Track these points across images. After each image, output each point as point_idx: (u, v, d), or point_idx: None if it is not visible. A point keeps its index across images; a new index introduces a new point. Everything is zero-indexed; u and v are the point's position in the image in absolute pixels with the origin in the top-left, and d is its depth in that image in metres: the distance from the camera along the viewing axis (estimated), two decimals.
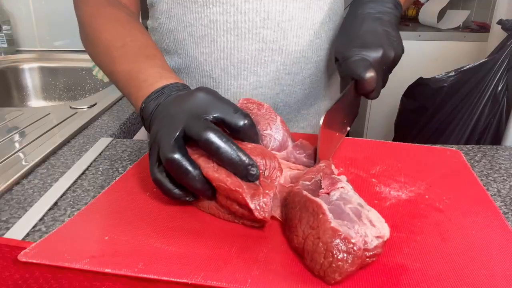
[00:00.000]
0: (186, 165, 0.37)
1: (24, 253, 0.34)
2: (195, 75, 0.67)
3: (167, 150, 0.38)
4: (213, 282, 0.31)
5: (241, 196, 0.36)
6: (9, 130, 0.67)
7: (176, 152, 0.37)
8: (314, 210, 0.34)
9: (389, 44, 0.55)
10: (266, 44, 0.63)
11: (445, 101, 1.42)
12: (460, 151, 0.57)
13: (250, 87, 0.66)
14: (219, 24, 0.62)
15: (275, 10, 0.62)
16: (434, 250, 0.36)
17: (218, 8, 0.62)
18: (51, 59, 1.30)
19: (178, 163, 0.37)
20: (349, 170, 0.51)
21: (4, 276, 0.34)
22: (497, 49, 1.34)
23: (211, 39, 0.63)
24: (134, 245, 0.36)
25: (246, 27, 0.62)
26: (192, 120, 0.39)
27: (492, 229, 0.39)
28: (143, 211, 0.42)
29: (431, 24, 2.03)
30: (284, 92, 0.68)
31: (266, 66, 0.65)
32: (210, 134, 0.37)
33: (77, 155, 0.59)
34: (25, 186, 0.50)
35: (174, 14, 0.65)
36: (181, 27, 0.65)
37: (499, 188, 0.49)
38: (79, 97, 1.25)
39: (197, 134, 0.38)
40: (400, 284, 0.32)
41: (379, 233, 0.34)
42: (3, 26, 1.31)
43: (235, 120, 0.40)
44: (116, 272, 0.32)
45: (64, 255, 0.34)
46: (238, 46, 0.63)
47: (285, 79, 0.67)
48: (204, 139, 0.37)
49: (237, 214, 0.38)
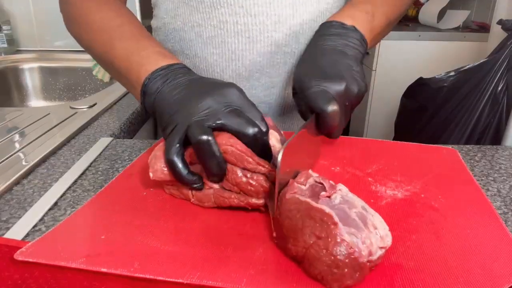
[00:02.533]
0: (215, 148, 0.40)
1: (20, 252, 0.34)
2: (205, 76, 0.67)
3: (202, 132, 0.39)
4: (209, 282, 0.32)
5: (249, 154, 0.40)
6: (9, 130, 0.67)
7: (210, 135, 0.39)
8: (322, 219, 0.32)
9: (351, 78, 0.49)
10: (278, 47, 0.63)
11: (445, 101, 1.42)
12: (456, 150, 0.57)
13: (262, 88, 0.66)
14: (229, 25, 0.62)
15: (285, 14, 0.61)
16: (429, 249, 0.36)
17: (227, 9, 0.61)
18: (51, 59, 1.29)
19: (209, 144, 0.39)
20: (346, 169, 0.51)
21: (3, 276, 0.34)
22: (497, 49, 1.34)
23: (221, 40, 0.63)
24: (130, 244, 0.36)
25: (257, 30, 0.62)
26: (215, 110, 0.42)
27: (487, 228, 0.39)
28: (139, 210, 0.42)
29: (431, 24, 2.03)
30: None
31: (279, 67, 0.65)
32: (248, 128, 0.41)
33: (77, 155, 0.59)
34: (25, 186, 0.50)
35: (180, 14, 0.65)
36: (188, 27, 0.65)
37: (499, 188, 0.49)
38: (79, 97, 1.25)
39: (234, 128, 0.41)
40: (395, 283, 0.32)
41: (383, 243, 0.33)
42: (3, 26, 1.31)
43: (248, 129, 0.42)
44: (112, 272, 0.32)
45: (60, 254, 0.34)
46: (250, 49, 0.63)
47: None
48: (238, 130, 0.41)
49: (243, 187, 0.40)
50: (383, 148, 0.57)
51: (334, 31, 0.55)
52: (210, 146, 0.39)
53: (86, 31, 0.58)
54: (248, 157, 0.40)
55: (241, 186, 0.40)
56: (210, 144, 0.39)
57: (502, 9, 1.46)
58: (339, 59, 0.52)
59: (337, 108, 0.46)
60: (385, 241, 0.33)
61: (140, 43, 0.52)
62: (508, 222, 0.42)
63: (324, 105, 0.46)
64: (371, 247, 0.32)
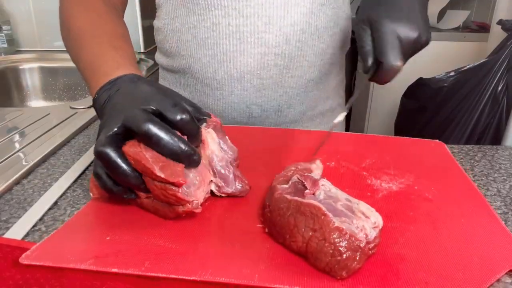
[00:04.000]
0: (115, 158, 0.37)
1: (25, 255, 0.34)
2: (199, 77, 0.67)
3: (98, 144, 0.37)
4: (222, 278, 0.32)
5: (150, 166, 0.36)
6: (9, 130, 0.67)
7: (107, 146, 0.37)
8: (312, 212, 0.34)
9: (424, 26, 0.49)
10: (269, 48, 0.63)
11: (445, 101, 1.42)
12: (443, 143, 0.59)
13: (253, 89, 0.66)
14: (222, 27, 0.62)
15: (277, 15, 0.61)
16: (427, 239, 0.38)
17: (220, 11, 0.62)
18: (51, 59, 1.30)
19: (107, 156, 0.37)
20: (341, 163, 0.52)
21: (4, 276, 0.34)
22: (497, 49, 1.34)
23: (214, 41, 0.63)
24: (137, 244, 0.36)
25: (248, 31, 0.62)
26: (132, 112, 0.38)
27: (478, 215, 0.41)
28: (141, 210, 0.42)
29: (431, 24, 2.02)
30: (287, 94, 0.68)
31: (270, 69, 0.65)
32: (149, 125, 0.36)
33: (77, 155, 0.59)
34: (25, 186, 0.50)
35: (179, 15, 0.66)
36: (185, 29, 0.65)
37: (499, 188, 0.49)
38: (79, 97, 1.25)
39: (136, 127, 0.37)
40: (400, 273, 0.33)
41: (374, 223, 0.35)
42: (3, 26, 1.31)
43: (173, 114, 0.38)
44: (123, 272, 0.32)
45: (67, 256, 0.34)
46: (241, 50, 0.63)
47: (289, 82, 0.66)
48: (143, 130, 0.36)
49: (162, 197, 0.37)
50: (374, 142, 0.59)
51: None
52: (108, 157, 0.37)
53: (66, 38, 0.59)
54: (155, 171, 0.36)
55: (160, 197, 0.38)
56: (106, 155, 0.37)
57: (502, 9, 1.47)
58: (414, 2, 0.50)
59: (402, 64, 0.46)
60: (376, 222, 0.35)
61: (103, 56, 0.50)
62: (508, 222, 0.42)
63: (393, 59, 0.46)
64: (365, 230, 0.34)
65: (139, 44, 1.37)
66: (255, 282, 0.31)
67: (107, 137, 0.37)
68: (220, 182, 0.43)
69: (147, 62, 1.23)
